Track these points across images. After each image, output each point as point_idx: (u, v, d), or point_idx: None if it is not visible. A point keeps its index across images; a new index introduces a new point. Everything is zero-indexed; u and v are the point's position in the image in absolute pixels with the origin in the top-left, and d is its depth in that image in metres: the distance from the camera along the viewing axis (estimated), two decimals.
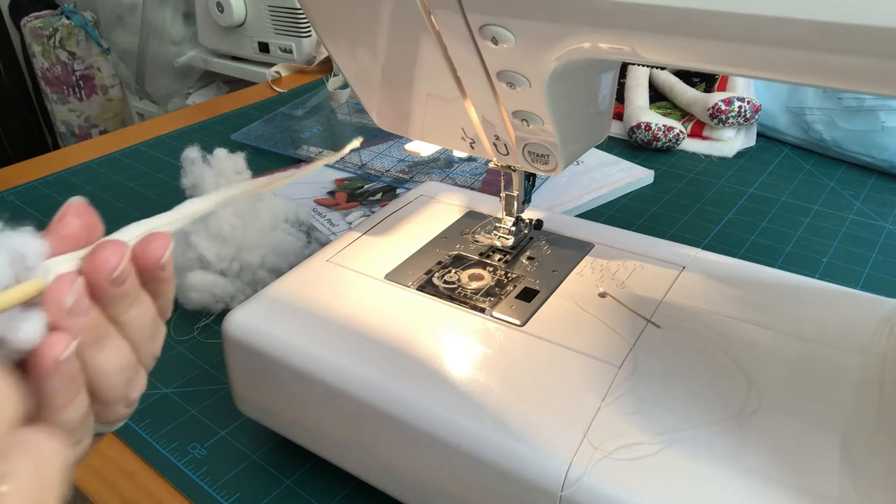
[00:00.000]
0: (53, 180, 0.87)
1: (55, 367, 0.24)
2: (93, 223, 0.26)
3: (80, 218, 0.26)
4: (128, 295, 0.26)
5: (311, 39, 1.22)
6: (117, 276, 0.25)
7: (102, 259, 0.25)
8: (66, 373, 0.24)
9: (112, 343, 0.26)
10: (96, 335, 0.25)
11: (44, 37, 1.96)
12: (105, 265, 0.25)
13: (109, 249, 0.25)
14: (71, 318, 0.24)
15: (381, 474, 0.40)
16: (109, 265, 0.25)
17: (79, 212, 0.26)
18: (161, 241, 0.26)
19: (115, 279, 0.25)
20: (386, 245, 0.50)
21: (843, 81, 0.27)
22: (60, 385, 0.24)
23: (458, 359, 0.39)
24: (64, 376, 0.24)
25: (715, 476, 0.32)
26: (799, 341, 0.39)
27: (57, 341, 0.24)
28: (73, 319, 0.24)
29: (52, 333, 0.24)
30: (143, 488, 0.45)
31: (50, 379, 0.24)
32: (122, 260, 0.25)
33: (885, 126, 0.76)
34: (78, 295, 0.24)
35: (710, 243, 0.68)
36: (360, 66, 0.45)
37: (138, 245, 0.26)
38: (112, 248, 0.25)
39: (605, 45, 0.31)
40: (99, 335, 0.26)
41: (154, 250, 0.26)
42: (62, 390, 0.24)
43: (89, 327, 0.25)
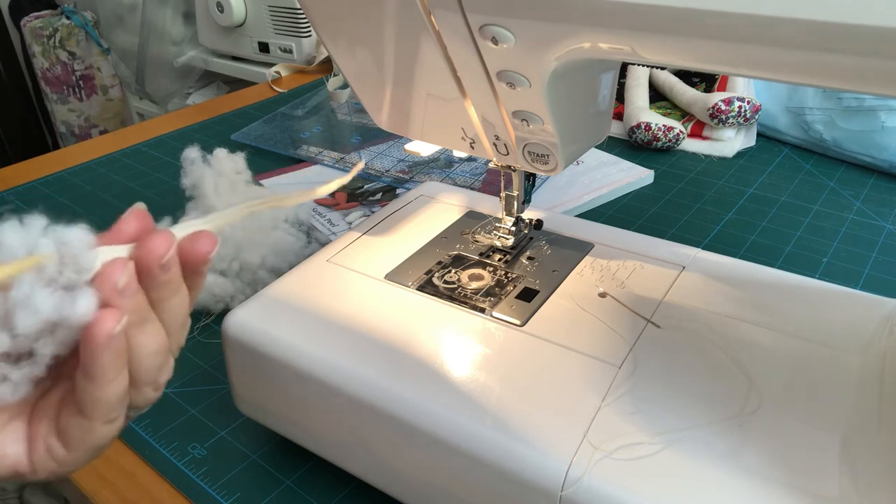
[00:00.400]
0: (53, 180, 0.87)
1: (108, 340, 0.26)
2: (148, 226, 0.29)
3: (139, 220, 0.29)
4: (171, 283, 0.28)
5: (311, 39, 1.22)
6: (166, 262, 0.27)
7: (154, 245, 0.27)
8: (116, 347, 0.26)
9: (152, 326, 0.28)
10: (140, 317, 0.27)
11: (44, 37, 1.96)
12: (156, 250, 0.27)
13: (160, 237, 0.27)
14: (122, 297, 0.26)
15: (381, 474, 0.40)
16: (160, 251, 0.27)
17: (139, 215, 0.29)
18: (209, 239, 0.29)
19: (163, 265, 0.27)
20: (386, 245, 0.50)
21: (843, 81, 0.27)
22: (111, 359, 0.26)
23: (458, 359, 0.39)
24: (114, 351, 0.26)
25: (715, 476, 0.32)
26: (799, 341, 0.39)
27: (110, 316, 0.26)
28: (123, 299, 0.26)
29: (105, 310, 0.26)
30: (143, 488, 0.45)
31: (103, 352, 0.26)
32: (170, 248, 0.27)
33: (885, 126, 0.76)
34: (129, 276, 0.26)
35: (710, 243, 0.68)
36: (360, 66, 0.45)
37: (186, 239, 0.29)
38: (163, 237, 0.27)
39: (605, 45, 0.31)
40: (142, 317, 0.28)
41: (203, 245, 0.29)
42: (111, 364, 0.26)
43: (135, 309, 0.27)
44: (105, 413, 0.27)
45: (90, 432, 0.28)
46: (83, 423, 0.27)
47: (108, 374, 0.26)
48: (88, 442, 0.28)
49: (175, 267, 0.28)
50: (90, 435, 0.28)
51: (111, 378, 0.27)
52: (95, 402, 0.27)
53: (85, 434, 0.28)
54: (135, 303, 0.27)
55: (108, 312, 0.26)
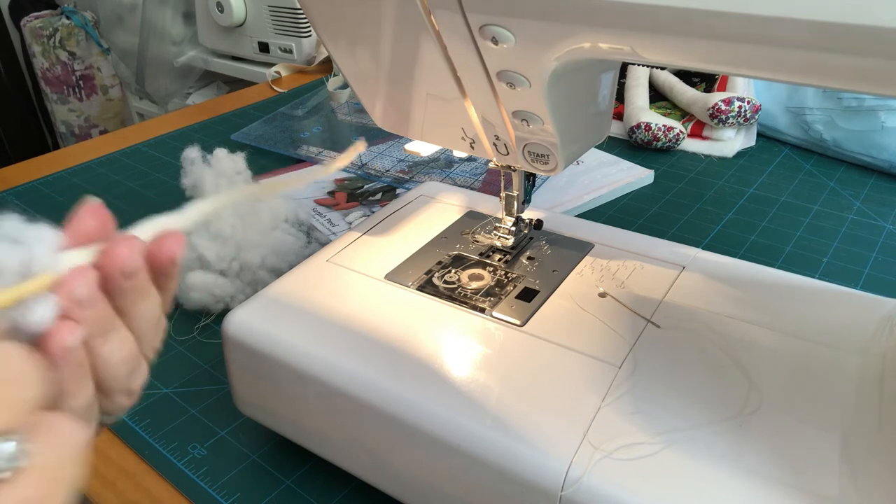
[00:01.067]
0: (53, 180, 0.87)
1: (63, 353, 0.25)
2: (107, 222, 0.27)
3: (95, 216, 0.27)
4: (138, 288, 0.27)
5: (311, 39, 1.22)
6: (130, 270, 0.26)
7: (117, 253, 0.26)
8: (73, 360, 0.25)
9: (118, 335, 0.27)
10: (103, 326, 0.27)
11: (44, 37, 1.96)
12: (119, 259, 0.26)
13: (124, 244, 0.26)
14: (81, 308, 0.25)
15: (381, 474, 0.40)
16: (123, 259, 0.26)
17: (94, 211, 0.27)
18: (175, 240, 0.28)
19: (127, 273, 0.26)
20: (386, 245, 0.50)
21: (843, 81, 0.27)
22: (68, 372, 0.25)
23: (458, 359, 0.39)
24: (72, 363, 0.25)
25: (715, 476, 0.32)
26: (799, 341, 0.39)
27: (65, 329, 0.25)
28: (83, 311, 0.25)
29: (61, 322, 0.25)
30: (143, 488, 0.45)
31: (58, 366, 0.25)
32: (134, 255, 0.26)
33: (885, 126, 0.76)
34: (88, 287, 0.25)
35: (710, 243, 0.68)
36: (360, 66, 0.45)
37: (153, 242, 0.28)
38: (126, 244, 0.26)
39: (605, 45, 0.31)
40: (106, 327, 0.27)
41: (168, 248, 0.28)
42: (70, 377, 0.25)
43: (97, 319, 0.26)
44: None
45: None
46: None
47: (66, 386, 0.25)
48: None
49: (141, 272, 0.27)
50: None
51: (70, 390, 0.26)
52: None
53: None
54: (96, 313, 0.26)
55: (63, 326, 0.25)
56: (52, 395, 0.25)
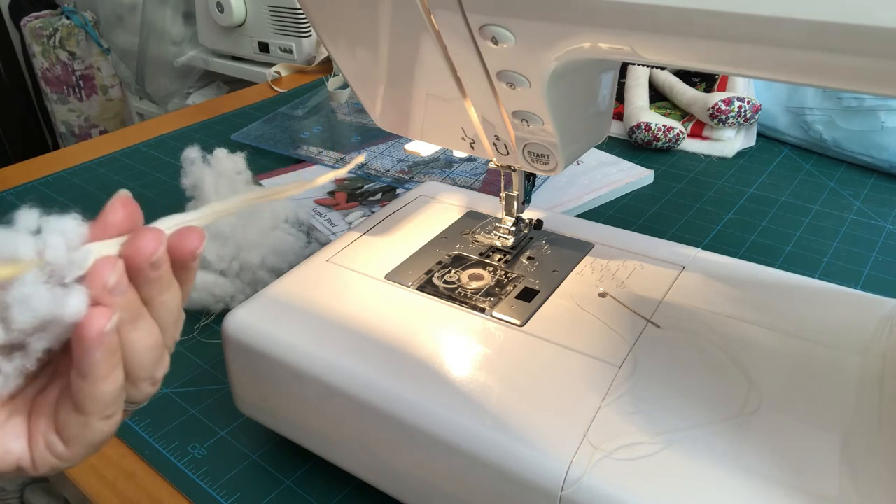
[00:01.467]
0: (53, 180, 0.87)
1: (99, 338, 0.26)
2: (135, 214, 0.28)
3: (125, 209, 0.28)
4: (162, 279, 0.28)
5: (311, 39, 1.22)
6: (156, 260, 0.27)
7: (143, 243, 0.27)
8: (108, 345, 0.26)
9: (144, 323, 0.28)
10: (132, 314, 0.28)
11: (44, 37, 1.96)
12: (145, 249, 0.27)
13: (150, 235, 0.27)
14: (112, 296, 0.26)
15: (381, 474, 0.40)
16: (149, 249, 0.27)
17: (124, 203, 0.28)
18: (197, 234, 0.29)
19: (153, 263, 0.27)
20: (386, 245, 0.50)
21: (843, 81, 0.27)
22: (103, 356, 0.26)
23: (458, 359, 0.39)
24: (107, 348, 0.26)
25: (715, 476, 0.32)
26: (799, 341, 0.39)
27: (101, 314, 0.26)
28: (114, 297, 0.26)
29: (95, 308, 0.26)
30: (143, 488, 0.45)
31: (94, 350, 0.26)
32: (160, 245, 0.27)
33: (885, 126, 0.76)
34: (119, 275, 0.26)
35: (710, 243, 0.68)
36: (360, 66, 0.45)
37: (174, 235, 0.28)
38: (152, 234, 0.27)
39: (605, 45, 0.31)
40: (134, 314, 0.28)
41: (190, 242, 0.28)
42: (104, 362, 0.26)
43: (127, 306, 0.27)
44: (101, 409, 0.28)
45: (88, 428, 0.28)
46: (80, 419, 0.28)
47: (101, 371, 0.27)
48: (86, 438, 0.28)
49: (165, 264, 0.28)
50: (88, 431, 0.28)
51: (104, 375, 0.27)
52: (91, 399, 0.27)
53: (83, 430, 0.28)
54: (126, 300, 0.27)
55: (98, 311, 0.26)
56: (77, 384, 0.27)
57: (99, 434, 0.28)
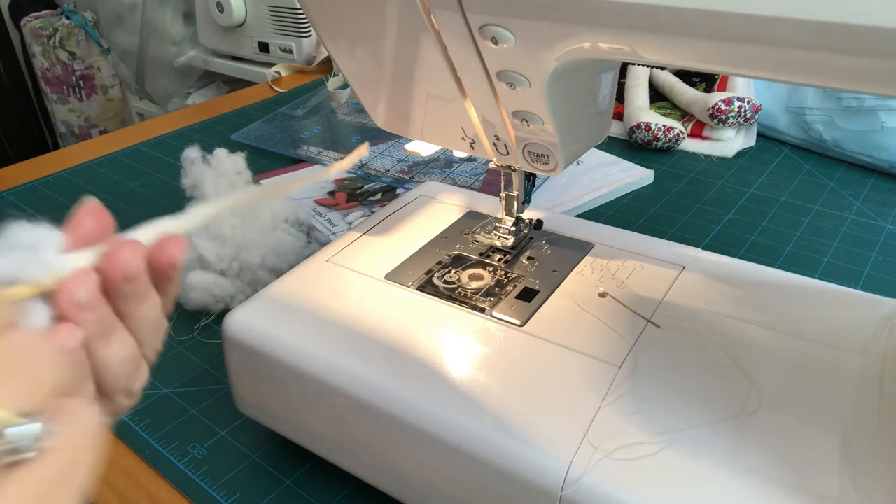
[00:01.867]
0: (53, 180, 0.87)
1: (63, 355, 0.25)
2: (106, 222, 0.27)
3: (94, 217, 0.27)
4: (138, 292, 0.27)
5: (311, 39, 1.22)
6: (131, 275, 0.26)
7: (118, 257, 0.26)
8: (73, 362, 0.25)
9: (118, 337, 0.27)
10: (104, 329, 0.27)
11: (44, 37, 1.96)
12: (120, 263, 0.26)
13: (126, 248, 0.26)
14: (81, 312, 0.25)
15: (381, 474, 0.40)
16: (125, 264, 0.26)
17: (93, 211, 0.27)
18: (176, 244, 0.28)
19: (129, 277, 0.26)
20: (386, 245, 0.50)
21: (843, 81, 0.27)
22: (69, 373, 0.25)
23: (458, 359, 0.39)
24: (72, 365, 0.25)
25: (715, 476, 0.32)
26: (799, 341, 0.39)
27: (64, 331, 0.25)
28: (83, 314, 0.25)
29: (61, 324, 0.25)
30: (143, 488, 0.45)
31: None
32: (136, 259, 0.26)
33: (885, 126, 0.76)
34: (89, 291, 0.25)
35: (710, 243, 0.68)
36: (360, 66, 0.45)
37: (154, 245, 0.28)
38: (129, 248, 0.26)
39: (605, 45, 0.31)
40: (106, 329, 0.27)
41: (170, 252, 0.28)
42: (70, 378, 0.25)
43: (98, 321, 0.26)
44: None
45: None
46: None
47: (68, 387, 0.25)
48: None
49: (141, 277, 0.27)
50: None
51: (70, 393, 0.26)
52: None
53: None
54: (97, 315, 0.26)
55: (63, 327, 0.25)
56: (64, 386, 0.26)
57: None
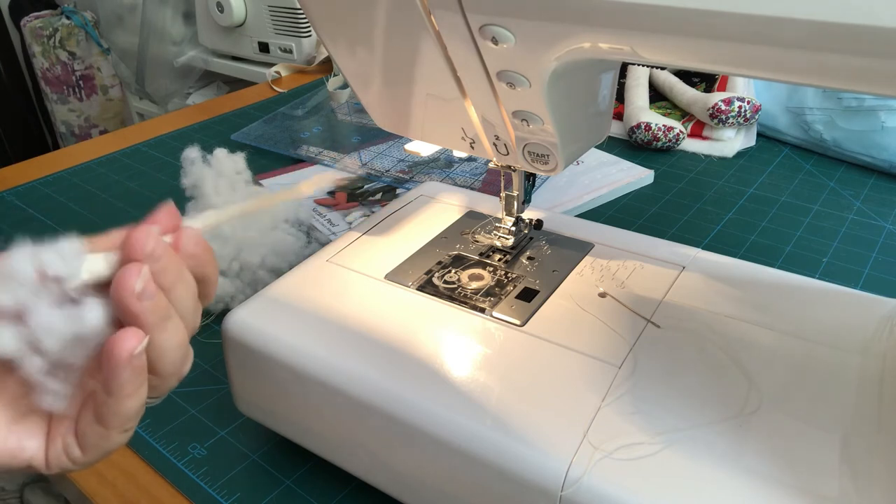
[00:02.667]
0: (53, 180, 0.87)
1: (128, 360, 0.26)
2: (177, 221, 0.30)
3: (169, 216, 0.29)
4: (168, 271, 0.28)
5: (311, 39, 1.22)
6: (152, 252, 0.27)
7: (135, 239, 0.27)
8: (136, 366, 0.27)
9: (173, 322, 0.28)
10: (162, 316, 0.28)
11: (44, 37, 1.96)
12: (137, 244, 0.27)
13: (137, 232, 0.27)
14: (140, 301, 0.26)
15: (381, 474, 0.40)
16: (140, 244, 0.27)
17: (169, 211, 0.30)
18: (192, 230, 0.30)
19: (150, 254, 0.27)
20: (386, 245, 0.50)
21: (843, 81, 0.27)
22: (131, 377, 0.27)
23: (458, 359, 0.39)
24: (134, 369, 0.27)
25: (715, 476, 0.32)
26: (799, 341, 0.39)
27: (132, 336, 0.26)
28: (143, 303, 0.26)
29: (127, 329, 0.26)
30: (143, 488, 0.45)
31: (123, 371, 0.26)
32: (149, 237, 0.27)
33: (885, 126, 0.76)
34: (145, 280, 0.26)
35: (710, 243, 0.68)
36: (359, 66, 0.45)
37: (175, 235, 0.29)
38: (139, 231, 0.27)
39: (605, 45, 0.31)
40: (164, 315, 0.28)
41: (189, 236, 0.29)
42: (131, 381, 0.27)
43: (156, 308, 0.27)
44: (122, 424, 0.28)
45: (106, 440, 0.29)
46: (100, 430, 0.28)
47: (127, 390, 0.27)
48: (103, 447, 0.29)
49: (165, 255, 0.28)
50: (106, 442, 0.29)
51: (130, 393, 0.27)
52: (114, 414, 0.28)
53: (101, 441, 0.28)
54: (154, 304, 0.27)
55: (130, 332, 0.26)
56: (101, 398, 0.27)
57: (115, 444, 0.29)
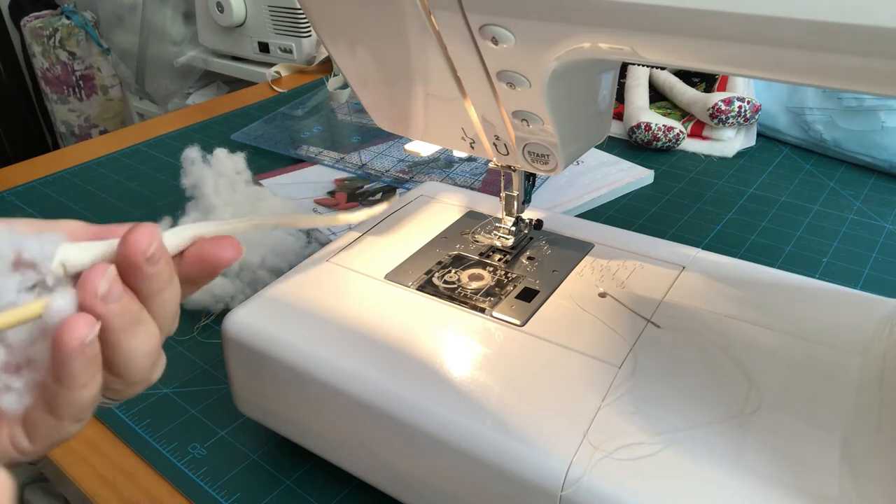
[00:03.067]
0: (53, 180, 0.87)
1: (80, 349, 0.25)
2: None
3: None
4: (162, 275, 0.27)
5: (311, 39, 1.22)
6: (152, 255, 0.26)
7: (137, 239, 0.26)
8: (88, 355, 0.25)
9: (143, 328, 0.27)
10: (131, 319, 0.26)
11: (44, 37, 1.96)
12: (140, 245, 0.26)
13: (142, 230, 0.26)
14: (105, 303, 0.25)
15: (381, 474, 0.40)
16: (144, 245, 0.26)
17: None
18: (234, 248, 0.29)
19: (150, 258, 0.26)
20: (386, 245, 0.50)
21: (843, 81, 0.27)
22: (82, 366, 0.25)
23: (458, 359, 0.39)
24: (87, 358, 0.25)
25: (715, 476, 0.32)
26: (799, 341, 0.39)
27: (82, 323, 0.25)
28: (107, 305, 0.25)
29: (76, 316, 0.25)
30: (143, 488, 0.45)
31: (73, 360, 0.25)
32: (153, 240, 0.26)
33: (885, 126, 0.76)
34: (110, 281, 0.25)
35: (710, 243, 0.68)
36: (360, 65, 0.45)
37: (210, 243, 0.29)
38: (145, 229, 0.26)
39: (605, 45, 0.31)
40: (133, 320, 0.26)
41: (228, 253, 0.29)
42: (83, 371, 0.25)
43: (124, 311, 0.26)
44: (75, 414, 0.27)
45: (58, 430, 0.27)
46: (52, 421, 0.27)
47: (79, 380, 0.25)
48: (55, 438, 0.27)
49: (163, 259, 0.27)
50: (57, 433, 0.27)
51: (83, 384, 0.26)
52: (66, 404, 0.26)
53: (52, 432, 0.27)
54: (122, 306, 0.26)
55: (80, 318, 0.25)
56: (53, 387, 0.26)
57: (68, 434, 0.27)
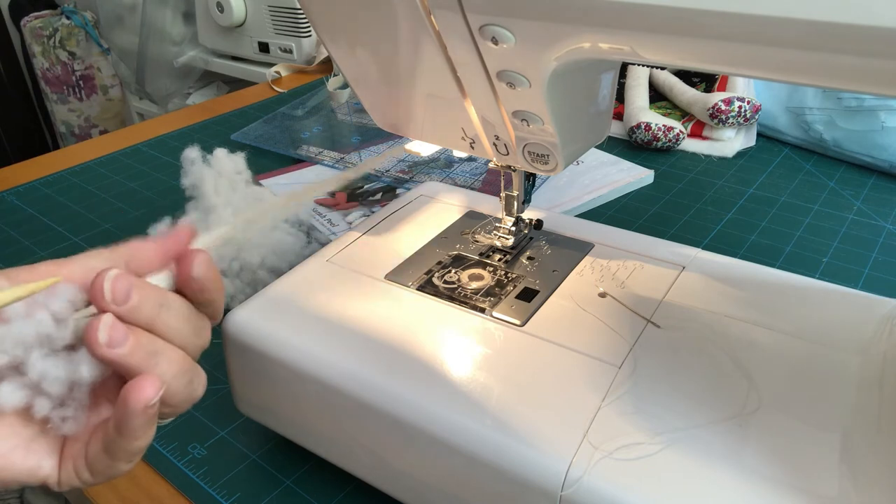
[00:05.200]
0: (53, 180, 0.87)
1: (143, 410, 0.26)
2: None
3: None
4: (142, 307, 0.28)
5: (311, 39, 1.22)
6: (112, 300, 0.27)
7: (98, 286, 0.27)
8: (150, 414, 0.27)
9: (165, 357, 0.28)
10: (145, 355, 0.27)
11: (44, 37, 1.96)
12: (97, 292, 0.27)
13: (119, 284, 0.27)
14: (113, 348, 0.26)
15: (381, 474, 0.40)
16: (122, 294, 0.27)
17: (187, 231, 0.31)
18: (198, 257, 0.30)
19: (112, 301, 0.27)
20: (386, 245, 0.50)
21: (843, 81, 0.27)
22: (143, 423, 0.27)
23: (458, 359, 0.39)
24: (148, 417, 0.27)
25: (715, 476, 0.32)
26: (799, 341, 0.39)
27: (147, 385, 0.26)
28: (115, 350, 0.26)
29: (143, 377, 0.26)
30: (143, 488, 0.45)
31: (135, 418, 0.27)
32: (130, 288, 0.27)
33: (885, 126, 0.76)
34: (109, 329, 0.26)
35: (710, 243, 0.68)
36: (360, 66, 0.45)
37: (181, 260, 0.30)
38: (120, 282, 0.27)
39: (605, 45, 0.31)
40: (147, 353, 0.28)
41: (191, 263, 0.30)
42: (142, 427, 0.27)
43: (135, 351, 0.27)
44: (129, 458, 0.29)
45: (112, 469, 0.29)
46: (107, 461, 0.28)
47: (137, 434, 0.27)
48: (109, 474, 0.29)
49: (137, 291, 0.28)
50: (112, 470, 0.29)
51: (140, 437, 0.28)
52: (122, 451, 0.28)
53: (107, 469, 0.29)
54: (134, 343, 0.27)
55: (146, 381, 0.26)
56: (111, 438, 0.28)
57: (120, 472, 0.29)
